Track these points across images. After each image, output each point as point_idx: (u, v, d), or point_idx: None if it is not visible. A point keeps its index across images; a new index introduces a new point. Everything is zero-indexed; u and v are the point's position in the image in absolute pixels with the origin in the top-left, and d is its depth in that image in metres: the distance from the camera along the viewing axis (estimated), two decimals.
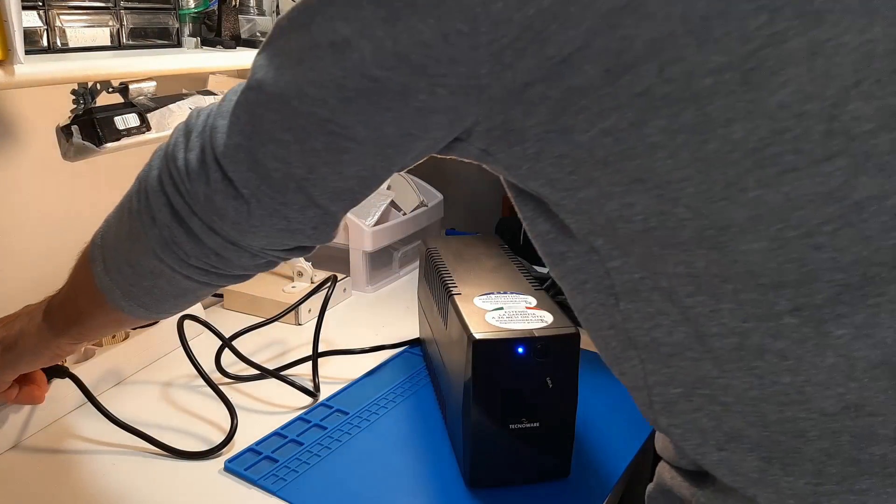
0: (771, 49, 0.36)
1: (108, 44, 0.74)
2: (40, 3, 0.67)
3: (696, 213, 0.40)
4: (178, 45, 0.83)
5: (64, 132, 0.70)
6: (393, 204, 1.21)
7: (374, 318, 1.07)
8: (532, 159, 0.43)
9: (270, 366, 0.88)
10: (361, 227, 1.13)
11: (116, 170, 0.92)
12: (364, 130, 0.44)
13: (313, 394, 0.84)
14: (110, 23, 0.74)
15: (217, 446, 0.74)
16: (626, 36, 0.36)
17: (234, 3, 0.87)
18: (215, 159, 0.47)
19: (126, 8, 0.75)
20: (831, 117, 0.36)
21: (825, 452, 0.42)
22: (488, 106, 0.41)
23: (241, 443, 0.75)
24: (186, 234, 0.50)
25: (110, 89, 0.75)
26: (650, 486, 0.56)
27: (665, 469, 0.54)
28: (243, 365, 0.88)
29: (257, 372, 0.87)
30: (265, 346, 0.97)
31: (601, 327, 0.49)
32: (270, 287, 1.09)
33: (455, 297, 0.72)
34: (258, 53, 0.47)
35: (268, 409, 0.82)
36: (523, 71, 0.39)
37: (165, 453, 0.73)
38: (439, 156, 0.49)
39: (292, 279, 1.11)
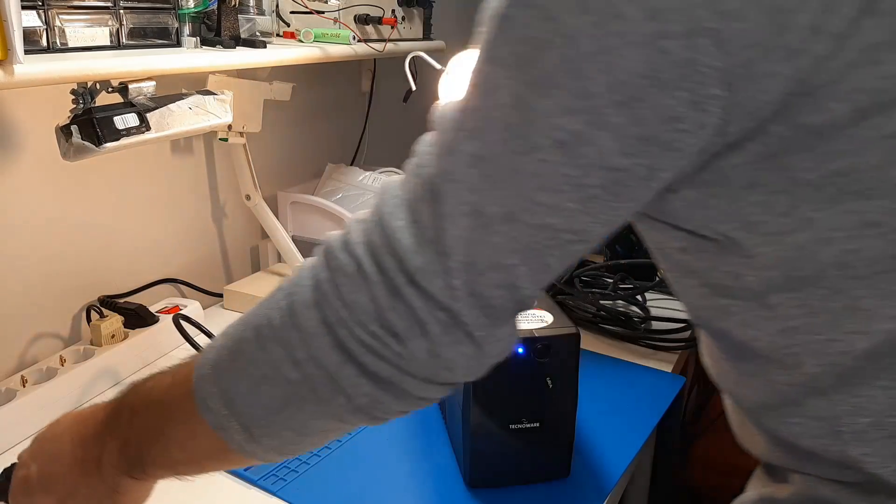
0: None
1: (108, 43, 0.74)
2: (40, 3, 0.67)
3: None
4: (178, 44, 0.83)
5: (63, 132, 0.70)
6: None
7: None
8: (732, 198, 0.39)
9: None
10: None
11: (116, 170, 0.92)
12: (601, 228, 0.39)
13: None
14: (110, 22, 0.74)
15: None
16: (888, 74, 0.33)
17: (233, 3, 0.87)
18: (435, 307, 0.40)
19: (126, 8, 0.75)
20: None
21: None
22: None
23: None
24: (396, 396, 0.43)
25: (110, 89, 0.74)
26: (786, 494, 0.48)
27: (817, 483, 0.46)
28: None
29: None
30: None
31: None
32: (271, 287, 1.08)
33: None
34: (437, 149, 0.39)
35: None
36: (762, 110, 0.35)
37: None
38: None
39: None
